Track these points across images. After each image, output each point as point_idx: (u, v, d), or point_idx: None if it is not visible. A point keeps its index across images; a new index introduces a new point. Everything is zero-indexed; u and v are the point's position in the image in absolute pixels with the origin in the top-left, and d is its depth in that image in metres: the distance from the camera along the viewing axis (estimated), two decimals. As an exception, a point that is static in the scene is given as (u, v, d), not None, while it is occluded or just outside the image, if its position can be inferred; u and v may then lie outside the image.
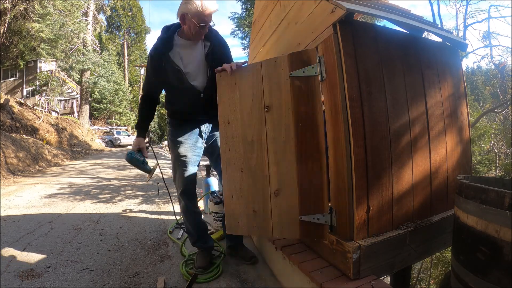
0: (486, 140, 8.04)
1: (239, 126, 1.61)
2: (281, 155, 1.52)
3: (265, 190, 1.55)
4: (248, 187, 1.59)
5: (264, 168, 1.55)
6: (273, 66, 1.54)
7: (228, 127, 1.64)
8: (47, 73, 16.29)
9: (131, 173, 6.99)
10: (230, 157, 1.63)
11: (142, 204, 4.01)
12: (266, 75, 1.55)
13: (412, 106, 1.58)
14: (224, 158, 1.65)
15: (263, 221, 1.56)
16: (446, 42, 1.95)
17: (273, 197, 1.53)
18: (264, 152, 1.55)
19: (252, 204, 1.58)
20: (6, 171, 6.26)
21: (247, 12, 12.21)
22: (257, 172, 1.57)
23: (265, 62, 1.58)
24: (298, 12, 1.78)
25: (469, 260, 1.15)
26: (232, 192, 1.63)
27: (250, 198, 1.58)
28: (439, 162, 1.70)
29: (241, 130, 1.60)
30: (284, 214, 1.52)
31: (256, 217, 1.58)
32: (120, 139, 20.41)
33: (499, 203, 1.01)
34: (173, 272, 1.95)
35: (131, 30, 31.40)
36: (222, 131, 1.67)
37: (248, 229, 1.61)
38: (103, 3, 20.21)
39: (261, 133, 1.56)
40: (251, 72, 1.60)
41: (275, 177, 1.53)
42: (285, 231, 1.53)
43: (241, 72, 1.61)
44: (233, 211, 1.64)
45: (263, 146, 1.56)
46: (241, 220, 1.62)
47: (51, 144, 11.83)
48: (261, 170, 1.56)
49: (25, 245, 2.35)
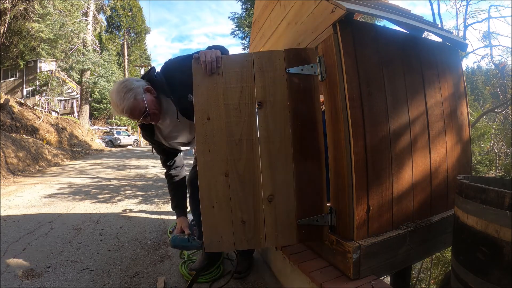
0: (486, 140, 8.04)
1: (223, 123, 1.39)
2: (276, 156, 1.41)
3: (256, 196, 1.39)
4: (235, 194, 1.38)
5: (255, 171, 1.39)
6: (267, 60, 1.43)
7: (207, 124, 1.38)
8: (47, 73, 16.29)
9: (131, 173, 6.99)
10: (211, 159, 1.37)
11: (142, 204, 4.01)
12: (259, 68, 1.41)
13: (412, 106, 1.58)
14: (202, 161, 1.38)
15: (254, 231, 1.40)
16: (446, 42, 1.95)
17: (266, 204, 1.40)
18: (256, 153, 1.39)
19: (240, 214, 1.39)
20: (6, 171, 6.26)
21: (247, 12, 12.23)
22: (246, 176, 1.39)
23: (258, 54, 1.45)
24: (298, 12, 1.78)
25: (469, 260, 1.15)
26: (213, 202, 1.38)
27: (237, 207, 1.39)
28: (439, 162, 1.70)
29: (225, 128, 1.39)
30: (279, 220, 1.41)
31: (245, 228, 1.39)
32: (120, 139, 20.43)
33: (499, 203, 1.01)
34: (173, 272, 1.95)
35: (131, 30, 31.39)
36: (199, 128, 1.38)
37: (236, 244, 1.40)
38: (103, 3, 20.22)
39: (251, 131, 1.39)
40: (240, 63, 1.42)
41: (269, 180, 1.40)
42: (281, 238, 1.42)
43: (227, 61, 1.40)
44: (214, 225, 1.39)
45: (254, 147, 1.39)
46: (226, 234, 1.39)
47: (51, 144, 11.84)
48: (252, 174, 1.39)
49: (25, 245, 2.35)
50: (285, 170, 1.41)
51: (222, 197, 1.39)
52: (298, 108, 1.43)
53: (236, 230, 1.40)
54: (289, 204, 1.41)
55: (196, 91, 1.39)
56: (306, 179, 1.43)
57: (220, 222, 1.39)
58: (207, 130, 1.39)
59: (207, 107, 1.39)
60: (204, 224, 1.39)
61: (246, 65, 1.41)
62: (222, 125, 1.39)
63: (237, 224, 1.40)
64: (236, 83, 1.40)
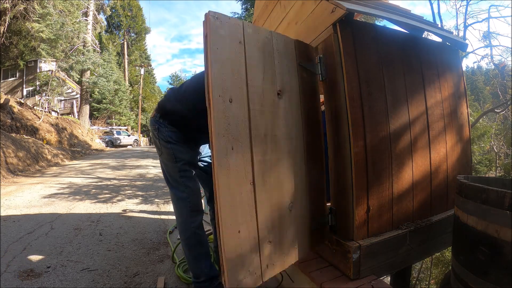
0: (486, 140, 8.04)
1: (246, 110, 1.04)
2: (294, 156, 1.22)
3: (280, 206, 1.12)
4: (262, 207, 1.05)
5: (279, 176, 1.13)
6: (283, 45, 1.23)
7: (229, 109, 0.98)
8: (47, 73, 16.28)
9: (131, 173, 6.99)
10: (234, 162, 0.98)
11: (142, 204, 4.01)
12: (277, 50, 1.19)
13: (412, 106, 1.58)
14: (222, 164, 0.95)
15: (280, 251, 1.11)
16: (446, 42, 1.95)
17: (288, 214, 1.16)
18: (279, 152, 1.13)
19: (267, 233, 1.06)
20: (6, 171, 6.26)
21: (247, 12, 12.21)
22: (272, 182, 1.09)
23: (276, 35, 1.21)
24: (298, 12, 1.78)
25: (469, 260, 1.15)
26: (239, 224, 0.98)
27: (264, 226, 1.05)
28: (439, 162, 1.70)
29: (248, 118, 1.04)
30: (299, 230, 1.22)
31: (271, 249, 1.08)
32: (120, 139, 20.40)
33: (499, 203, 1.01)
34: (173, 272, 1.95)
35: (131, 30, 31.36)
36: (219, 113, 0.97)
37: (263, 274, 1.06)
38: (103, 3, 20.22)
39: (274, 125, 1.12)
40: (262, 38, 1.14)
41: (290, 186, 1.19)
42: (300, 251, 1.23)
43: (248, 29, 1.10)
44: (240, 255, 0.98)
45: (278, 145, 1.12)
46: (253, 265, 1.02)
47: (51, 144, 11.84)
48: (276, 179, 1.11)
49: (25, 245, 2.35)
50: (300, 172, 1.27)
51: (248, 215, 1.02)
52: (306, 104, 1.38)
53: (264, 256, 1.05)
54: (304, 210, 1.29)
55: (214, 55, 0.98)
56: (314, 181, 1.39)
57: (246, 251, 1.00)
58: (229, 117, 0.98)
59: (229, 84, 0.99)
60: (226, 259, 0.94)
61: (267, 42, 1.15)
62: (245, 114, 1.04)
63: (264, 247, 1.06)
64: (258, 61, 1.11)
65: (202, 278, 1.49)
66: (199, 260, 1.50)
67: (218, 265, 1.77)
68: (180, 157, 1.46)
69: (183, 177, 1.47)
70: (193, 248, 1.49)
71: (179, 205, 1.49)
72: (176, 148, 1.46)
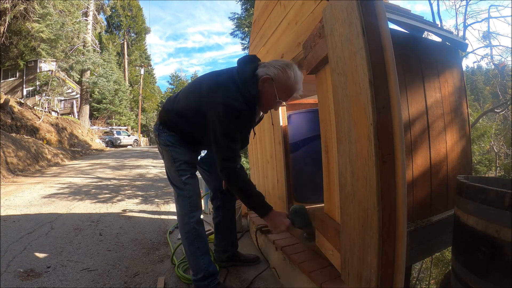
0: (486, 140, 8.05)
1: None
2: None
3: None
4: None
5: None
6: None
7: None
8: (47, 73, 16.29)
9: (131, 173, 7.00)
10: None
11: (142, 204, 4.01)
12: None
13: (412, 106, 1.58)
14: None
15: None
16: (446, 42, 1.96)
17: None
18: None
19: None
20: (6, 170, 6.26)
21: (247, 12, 12.20)
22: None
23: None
24: (299, 12, 1.78)
25: (469, 260, 1.15)
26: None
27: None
28: (439, 162, 1.70)
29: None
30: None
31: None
32: (120, 139, 20.43)
33: (499, 203, 1.01)
34: (173, 272, 1.95)
35: (131, 30, 31.38)
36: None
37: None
38: (103, 3, 20.25)
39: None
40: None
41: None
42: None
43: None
44: None
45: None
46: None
47: (51, 144, 11.84)
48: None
49: (25, 245, 2.35)
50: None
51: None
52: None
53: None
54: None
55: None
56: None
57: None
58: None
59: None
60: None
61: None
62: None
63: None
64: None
65: (201, 274, 1.54)
66: (198, 255, 1.56)
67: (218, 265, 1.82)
68: (178, 158, 1.56)
69: (182, 176, 1.56)
70: (192, 242, 1.56)
71: (180, 202, 1.58)
72: (174, 150, 1.56)
